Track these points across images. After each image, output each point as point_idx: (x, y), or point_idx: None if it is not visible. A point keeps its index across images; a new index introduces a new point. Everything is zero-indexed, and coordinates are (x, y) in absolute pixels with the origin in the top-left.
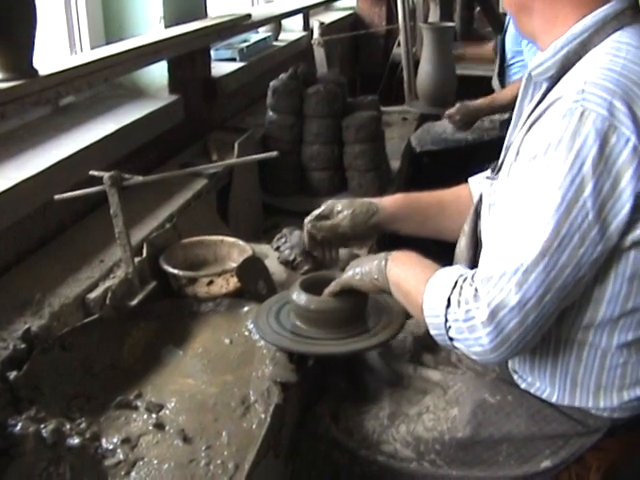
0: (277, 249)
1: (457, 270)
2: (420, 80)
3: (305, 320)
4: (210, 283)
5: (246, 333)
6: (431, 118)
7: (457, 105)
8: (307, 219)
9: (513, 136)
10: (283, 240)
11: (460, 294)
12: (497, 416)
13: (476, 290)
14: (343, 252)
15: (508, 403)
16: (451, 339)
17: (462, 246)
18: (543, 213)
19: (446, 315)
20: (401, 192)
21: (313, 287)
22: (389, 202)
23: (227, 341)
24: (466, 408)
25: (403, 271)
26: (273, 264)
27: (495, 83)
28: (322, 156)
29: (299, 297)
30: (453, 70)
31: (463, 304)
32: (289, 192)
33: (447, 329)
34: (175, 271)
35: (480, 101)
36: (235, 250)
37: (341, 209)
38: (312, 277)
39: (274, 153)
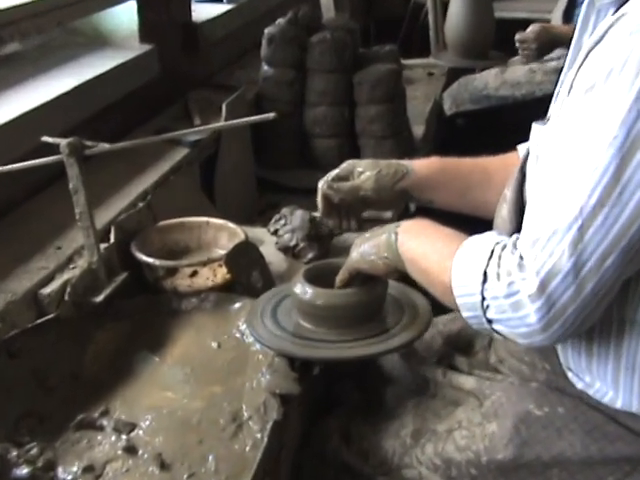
0: (275, 233)
1: (492, 237)
2: (449, 26)
3: (310, 318)
4: (193, 274)
5: (237, 335)
6: (463, 73)
7: (533, 27)
8: (321, 181)
9: (567, 75)
10: (282, 222)
11: (499, 265)
12: (545, 432)
13: (520, 257)
14: (366, 216)
15: (559, 416)
16: (490, 321)
17: (504, 215)
18: (602, 154)
19: (483, 292)
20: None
21: (319, 278)
22: (422, 165)
23: (214, 345)
24: (507, 423)
25: (419, 244)
26: (270, 251)
27: (556, 22)
28: (329, 120)
29: (303, 290)
30: (490, 12)
31: (504, 276)
32: (289, 164)
33: (484, 309)
34: (150, 260)
35: (563, 27)
36: (224, 234)
37: (363, 169)
38: (318, 266)
39: (271, 115)
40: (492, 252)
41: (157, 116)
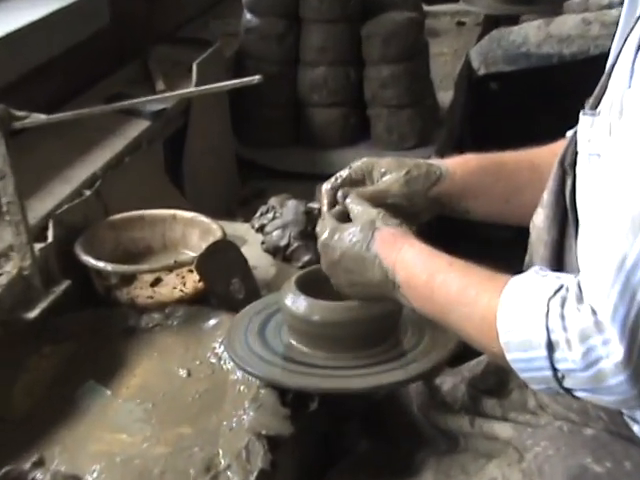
0: (261, 229)
1: (540, 282)
2: None
3: (305, 338)
4: (156, 283)
5: (213, 360)
6: (504, 22)
7: None
8: (326, 185)
9: (620, 47)
10: (270, 216)
11: (565, 327)
12: None
13: (593, 312)
14: None
15: (625, 473)
16: (569, 390)
17: (539, 223)
18: None
19: (553, 364)
20: (455, 142)
21: (317, 287)
22: (456, 164)
23: (183, 373)
24: None
25: (427, 267)
26: (255, 253)
27: None
28: (330, 84)
29: (295, 302)
30: None
31: (577, 343)
32: (279, 142)
33: (560, 380)
34: (101, 264)
35: None
36: (195, 231)
37: (386, 170)
38: (315, 272)
39: (255, 78)
40: (548, 307)
41: (108, 78)
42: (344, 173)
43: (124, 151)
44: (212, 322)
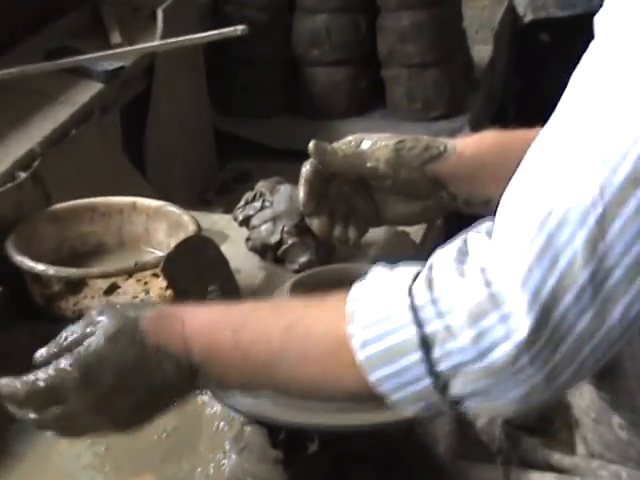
0: (245, 222)
1: (401, 268)
2: None
3: None
4: (111, 291)
5: None
6: None
7: None
8: (306, 168)
9: None
10: (258, 205)
11: (440, 290)
12: None
13: (487, 283)
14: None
15: None
16: (455, 401)
17: None
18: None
19: (430, 363)
20: (495, 109)
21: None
22: (468, 141)
23: None
24: None
25: (226, 324)
26: (238, 252)
27: None
28: (334, 36)
29: None
30: None
31: (462, 325)
32: (268, 111)
33: (442, 388)
34: (40, 267)
35: None
36: (161, 225)
37: (377, 140)
38: (314, 277)
39: (239, 28)
40: (412, 295)
41: (48, 28)
42: (331, 146)
43: (70, 122)
44: None
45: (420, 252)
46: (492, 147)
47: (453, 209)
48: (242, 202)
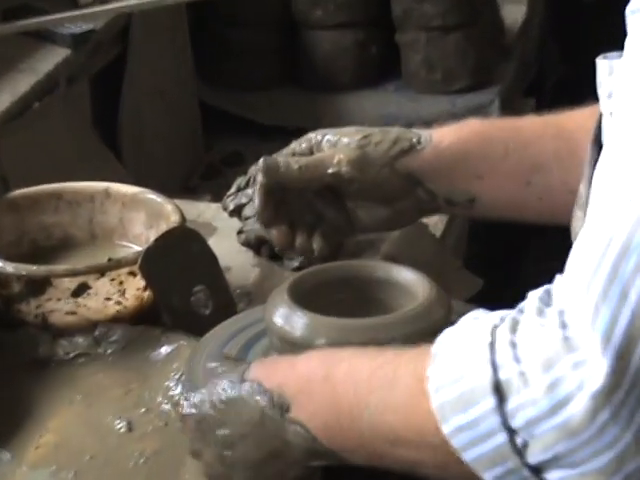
0: (237, 212)
1: (492, 312)
2: None
3: None
4: (80, 292)
5: (166, 406)
6: None
7: None
8: (262, 160)
9: None
10: (251, 192)
11: (518, 353)
12: None
13: (563, 324)
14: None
15: None
16: (538, 469)
17: (577, 229)
18: None
19: (504, 415)
20: (530, 80)
21: (318, 297)
22: (445, 130)
23: (120, 426)
24: None
25: (323, 363)
26: (229, 246)
27: None
28: None
29: (290, 319)
30: None
31: (536, 372)
32: (263, 82)
33: (520, 449)
34: None
35: None
36: (139, 215)
37: (339, 138)
38: (315, 276)
39: None
40: (494, 337)
41: None
42: (286, 150)
43: (31, 93)
44: (164, 350)
45: (441, 248)
46: (474, 137)
47: (434, 210)
48: (233, 188)
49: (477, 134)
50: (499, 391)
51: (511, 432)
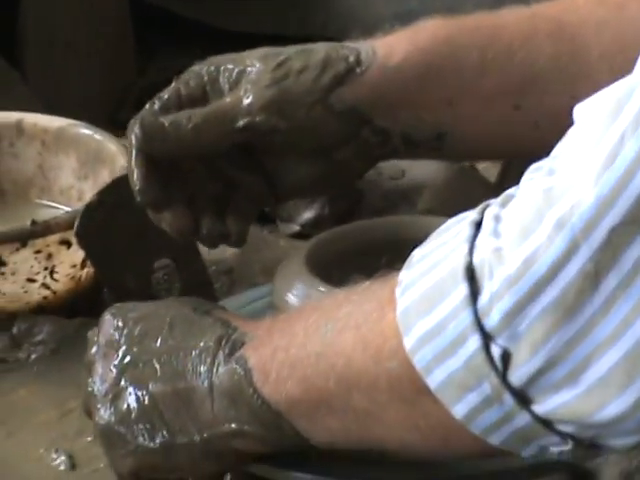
0: None
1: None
2: None
3: None
4: None
5: None
6: None
7: None
8: (135, 127)
9: None
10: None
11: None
12: None
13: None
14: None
15: None
16: (519, 394)
17: None
18: None
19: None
20: None
21: (344, 269)
22: (396, 42)
23: (58, 462)
24: None
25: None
26: None
27: None
28: None
29: (312, 299)
30: None
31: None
32: None
33: (479, 321)
34: None
35: None
36: (68, 159)
37: (244, 69)
38: (338, 240)
39: None
40: (482, 211)
41: None
42: (168, 93)
43: None
44: None
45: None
46: (436, 46)
47: (389, 155)
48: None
49: (441, 41)
50: (473, 279)
51: (486, 337)
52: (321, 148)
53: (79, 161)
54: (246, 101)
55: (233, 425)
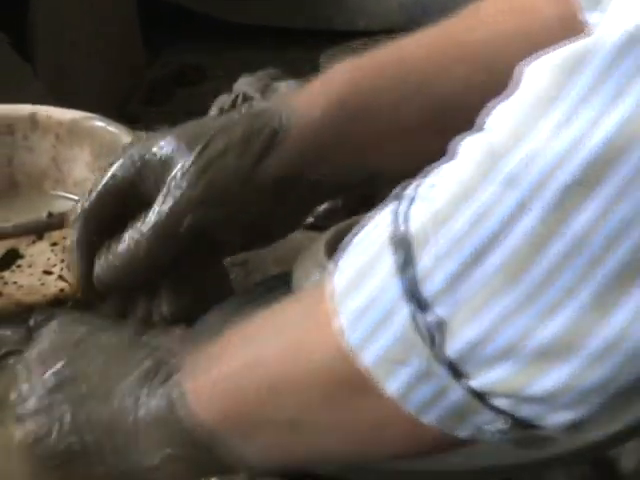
0: None
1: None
2: None
3: None
4: (8, 262)
5: None
6: None
7: None
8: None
9: None
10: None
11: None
12: None
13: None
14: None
15: None
16: (461, 374)
17: None
18: None
19: (405, 281)
20: None
21: None
22: (320, 95)
23: None
24: None
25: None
26: None
27: None
28: None
29: None
30: None
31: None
32: None
33: (410, 288)
34: None
35: None
36: (82, 152)
37: (173, 159)
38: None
39: None
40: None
41: None
42: (104, 180)
43: None
44: None
45: None
46: (350, 95)
47: (323, 201)
48: (213, 112)
49: (352, 90)
50: (404, 248)
51: (421, 306)
52: (254, 220)
53: (93, 154)
54: (177, 208)
55: (167, 450)
